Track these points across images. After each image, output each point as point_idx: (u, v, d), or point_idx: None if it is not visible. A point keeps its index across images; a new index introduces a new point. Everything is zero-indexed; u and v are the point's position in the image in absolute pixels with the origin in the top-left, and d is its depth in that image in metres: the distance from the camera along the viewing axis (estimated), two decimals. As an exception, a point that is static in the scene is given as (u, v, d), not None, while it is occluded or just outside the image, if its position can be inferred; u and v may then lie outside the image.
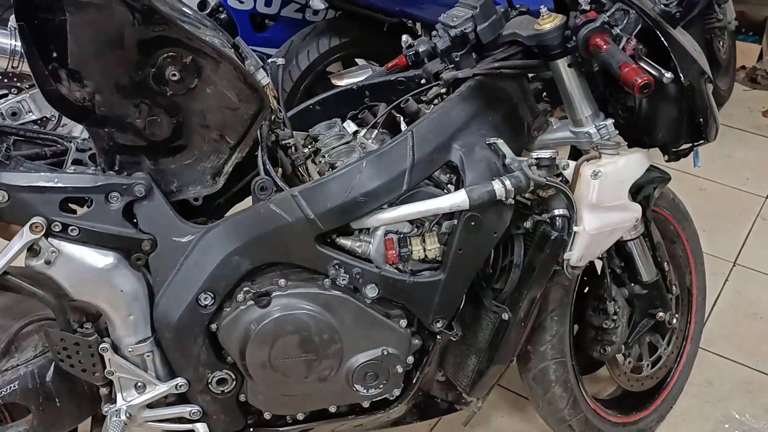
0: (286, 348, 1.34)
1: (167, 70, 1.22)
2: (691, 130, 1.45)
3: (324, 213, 1.29)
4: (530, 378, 1.70)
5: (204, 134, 1.30)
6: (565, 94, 1.43)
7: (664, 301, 1.76)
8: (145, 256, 1.29)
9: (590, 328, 1.73)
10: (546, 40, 1.36)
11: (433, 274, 1.36)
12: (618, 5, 1.36)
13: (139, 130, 1.27)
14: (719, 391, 2.12)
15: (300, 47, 2.53)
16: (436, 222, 1.35)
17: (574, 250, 1.41)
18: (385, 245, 1.33)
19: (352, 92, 1.64)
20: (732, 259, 2.67)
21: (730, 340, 2.30)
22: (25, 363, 1.33)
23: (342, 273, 1.32)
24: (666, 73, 1.28)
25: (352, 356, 1.40)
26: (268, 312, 1.32)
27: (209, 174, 1.34)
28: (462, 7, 1.46)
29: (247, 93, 1.28)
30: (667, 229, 1.84)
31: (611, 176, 1.40)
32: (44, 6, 1.13)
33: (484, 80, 1.41)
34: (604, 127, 1.42)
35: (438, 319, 1.40)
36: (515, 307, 1.43)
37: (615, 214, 1.45)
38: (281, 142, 1.44)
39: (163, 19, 1.17)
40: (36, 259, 1.23)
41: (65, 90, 1.21)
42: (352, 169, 1.30)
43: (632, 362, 1.83)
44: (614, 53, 1.27)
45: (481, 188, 1.28)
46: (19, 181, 1.21)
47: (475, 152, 1.34)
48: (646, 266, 1.70)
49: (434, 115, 1.37)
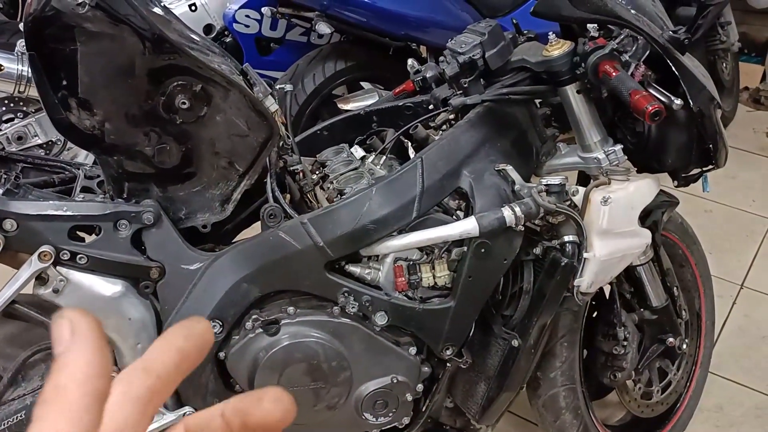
0: (294, 376, 1.33)
1: (177, 98, 1.22)
2: (700, 155, 1.45)
3: (333, 240, 1.28)
4: (540, 404, 1.68)
5: (213, 162, 1.30)
6: (573, 119, 1.42)
7: (673, 327, 1.75)
8: (153, 284, 1.28)
9: (600, 354, 1.72)
10: (554, 66, 1.36)
11: (442, 302, 1.35)
12: (626, 32, 1.36)
13: (148, 158, 1.27)
14: (730, 417, 2.10)
15: (306, 71, 2.54)
16: (445, 249, 1.35)
17: (584, 276, 1.40)
18: (395, 272, 1.33)
19: (360, 117, 1.64)
20: (739, 281, 2.65)
21: (740, 364, 2.28)
22: (32, 392, 1.31)
23: (351, 300, 1.31)
24: (676, 100, 1.28)
25: (362, 384, 1.39)
26: (277, 340, 1.31)
27: (218, 201, 1.34)
28: (470, 33, 1.46)
29: (257, 120, 1.28)
30: (676, 254, 1.83)
31: (621, 202, 1.40)
32: (55, 36, 1.13)
33: (492, 106, 1.41)
34: (612, 153, 1.42)
35: (448, 347, 1.39)
36: (525, 333, 1.42)
37: (625, 240, 1.44)
38: (289, 168, 1.44)
39: (173, 48, 1.17)
40: (44, 287, 1.22)
41: (75, 118, 1.21)
42: (362, 197, 1.30)
43: (642, 388, 1.81)
44: (624, 80, 1.26)
45: (490, 215, 1.28)
46: (28, 209, 1.21)
47: (484, 179, 1.34)
48: (655, 291, 1.69)
49: (443, 141, 1.37)
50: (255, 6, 2.62)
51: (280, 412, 0.34)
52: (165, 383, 0.33)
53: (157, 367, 0.33)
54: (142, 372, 0.33)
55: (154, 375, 0.33)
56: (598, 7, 1.32)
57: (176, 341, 0.34)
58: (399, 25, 2.52)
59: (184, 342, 0.34)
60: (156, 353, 0.34)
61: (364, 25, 2.51)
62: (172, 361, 0.33)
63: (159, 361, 0.33)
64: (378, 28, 2.53)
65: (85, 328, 0.31)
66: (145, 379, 0.32)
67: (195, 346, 0.34)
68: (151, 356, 0.33)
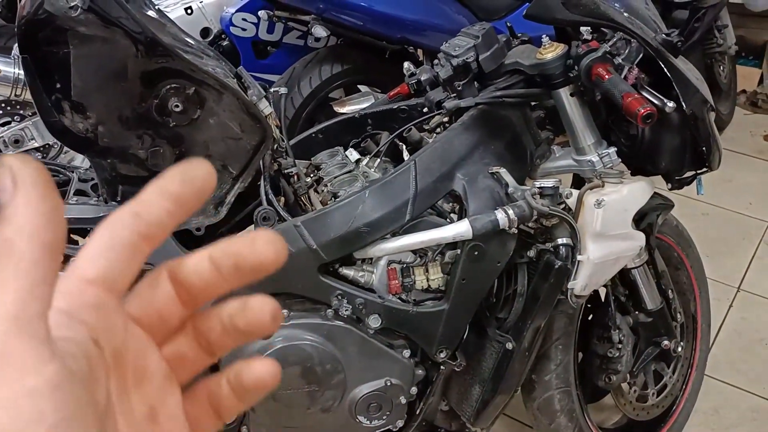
0: (288, 379, 1.33)
1: (170, 101, 1.22)
2: (694, 158, 1.45)
3: (327, 243, 1.28)
4: (535, 407, 1.68)
5: (206, 164, 1.30)
6: (567, 122, 1.43)
7: (669, 329, 1.75)
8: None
9: (595, 357, 1.71)
10: (548, 69, 1.37)
11: (436, 304, 1.35)
12: (619, 35, 1.36)
13: (141, 161, 1.27)
14: (725, 420, 2.10)
15: (302, 74, 2.54)
16: (439, 252, 1.35)
17: (578, 279, 1.40)
18: (388, 275, 1.33)
19: (355, 121, 1.64)
20: (736, 284, 2.65)
21: (736, 367, 2.28)
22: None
23: (345, 303, 1.31)
24: (668, 103, 1.28)
25: (355, 387, 1.39)
26: (271, 343, 1.31)
27: (212, 204, 1.34)
28: (464, 37, 1.47)
29: (250, 123, 1.28)
30: (671, 256, 1.83)
31: (615, 205, 1.40)
32: (48, 39, 1.13)
33: (486, 109, 1.41)
34: (606, 156, 1.42)
35: (442, 349, 1.39)
36: (519, 336, 1.42)
37: (619, 243, 1.44)
38: (284, 171, 1.44)
39: (166, 51, 1.18)
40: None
41: (68, 121, 1.21)
42: (355, 199, 1.30)
43: (637, 391, 1.81)
44: (617, 83, 1.27)
45: (484, 218, 1.28)
46: (21, 212, 1.21)
47: (478, 181, 1.34)
48: (650, 294, 1.68)
49: (437, 144, 1.37)
50: (252, 9, 2.63)
51: (274, 254, 0.32)
52: (156, 230, 0.31)
53: (149, 212, 0.31)
54: (131, 216, 0.31)
55: (144, 221, 0.31)
56: (591, 10, 1.32)
57: (171, 186, 0.31)
58: (395, 28, 2.53)
59: (180, 187, 0.31)
60: (149, 197, 0.31)
61: (361, 29, 2.51)
62: (165, 207, 0.31)
63: (151, 206, 0.31)
64: (374, 32, 2.54)
65: (28, 175, 0.27)
66: (135, 225, 0.30)
67: (192, 191, 0.32)
68: (143, 200, 0.31)
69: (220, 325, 0.34)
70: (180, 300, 0.33)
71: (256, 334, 0.34)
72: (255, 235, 0.32)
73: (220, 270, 0.32)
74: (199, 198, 0.32)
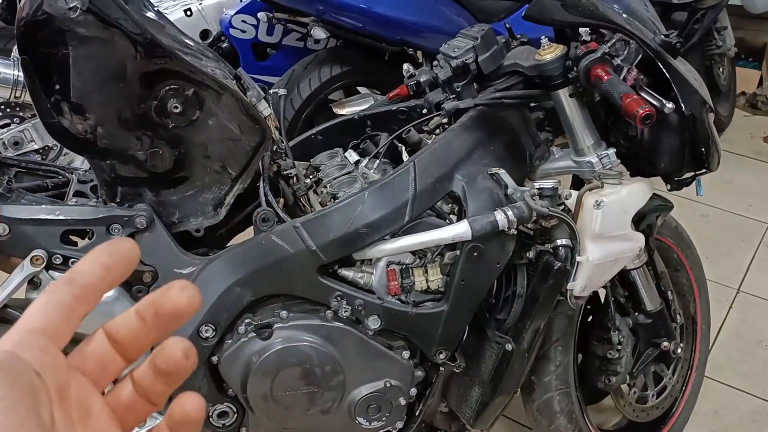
0: (287, 380, 1.33)
1: (169, 102, 1.22)
2: (693, 159, 1.45)
3: (326, 244, 1.28)
4: (534, 409, 1.68)
5: (206, 166, 1.30)
6: (566, 123, 1.43)
7: (668, 331, 1.75)
8: (146, 288, 1.28)
9: (594, 358, 1.71)
10: (547, 70, 1.37)
11: (435, 305, 1.35)
12: (618, 36, 1.36)
13: (140, 162, 1.27)
14: (726, 421, 2.10)
15: (301, 76, 2.54)
16: (438, 253, 1.35)
17: (578, 280, 1.40)
18: (388, 276, 1.33)
19: (354, 122, 1.64)
20: (736, 286, 2.65)
21: (736, 369, 2.28)
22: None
23: (344, 304, 1.31)
24: (667, 104, 1.28)
25: (355, 388, 1.38)
26: (270, 344, 1.31)
27: (211, 205, 1.34)
28: (463, 38, 1.47)
29: (249, 124, 1.28)
30: (671, 258, 1.83)
31: (614, 206, 1.40)
32: (47, 40, 1.14)
33: (485, 110, 1.41)
34: (606, 157, 1.42)
35: (441, 351, 1.38)
36: (519, 337, 1.42)
37: (618, 244, 1.44)
38: (283, 173, 1.44)
39: (165, 52, 1.18)
40: (37, 291, 1.22)
41: (67, 123, 1.21)
42: (354, 201, 1.30)
43: (637, 392, 1.81)
44: (616, 84, 1.27)
45: (483, 219, 1.28)
46: (20, 213, 1.21)
47: (477, 182, 1.34)
48: (650, 295, 1.68)
49: (436, 145, 1.37)
50: (251, 11, 2.63)
51: (186, 298, 0.37)
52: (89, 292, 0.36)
53: (82, 278, 0.36)
54: (67, 283, 0.36)
55: (78, 285, 0.36)
56: (590, 11, 1.32)
57: (101, 257, 0.37)
58: (395, 29, 2.53)
59: (108, 258, 0.37)
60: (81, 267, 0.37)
61: (360, 30, 2.52)
62: (97, 274, 0.37)
63: (84, 273, 0.37)
64: (374, 33, 2.54)
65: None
66: (70, 289, 0.36)
67: (119, 261, 0.37)
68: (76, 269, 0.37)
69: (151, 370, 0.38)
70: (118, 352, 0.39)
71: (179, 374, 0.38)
72: (170, 284, 0.38)
73: (144, 320, 0.38)
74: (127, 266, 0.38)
